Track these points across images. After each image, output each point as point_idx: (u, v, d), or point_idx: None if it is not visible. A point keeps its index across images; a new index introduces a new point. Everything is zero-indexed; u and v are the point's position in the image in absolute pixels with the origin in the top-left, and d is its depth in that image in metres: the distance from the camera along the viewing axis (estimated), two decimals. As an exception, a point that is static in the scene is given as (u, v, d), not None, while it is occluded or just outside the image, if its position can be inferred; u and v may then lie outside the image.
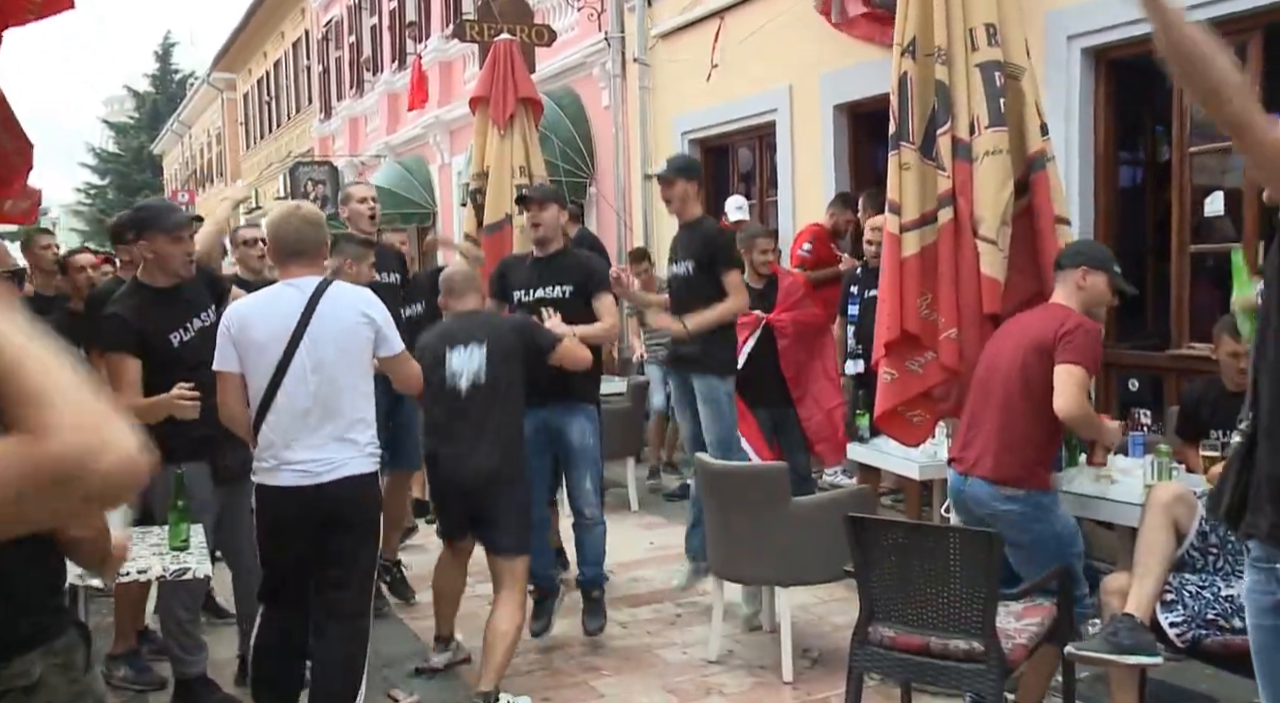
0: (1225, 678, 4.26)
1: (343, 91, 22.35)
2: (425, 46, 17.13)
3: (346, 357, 4.08)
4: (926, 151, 5.10)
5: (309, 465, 4.01)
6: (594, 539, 5.49)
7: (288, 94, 27.79)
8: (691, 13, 10.35)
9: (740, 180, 10.68)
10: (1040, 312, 4.36)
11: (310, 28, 24.66)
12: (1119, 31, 6.36)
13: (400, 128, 18.55)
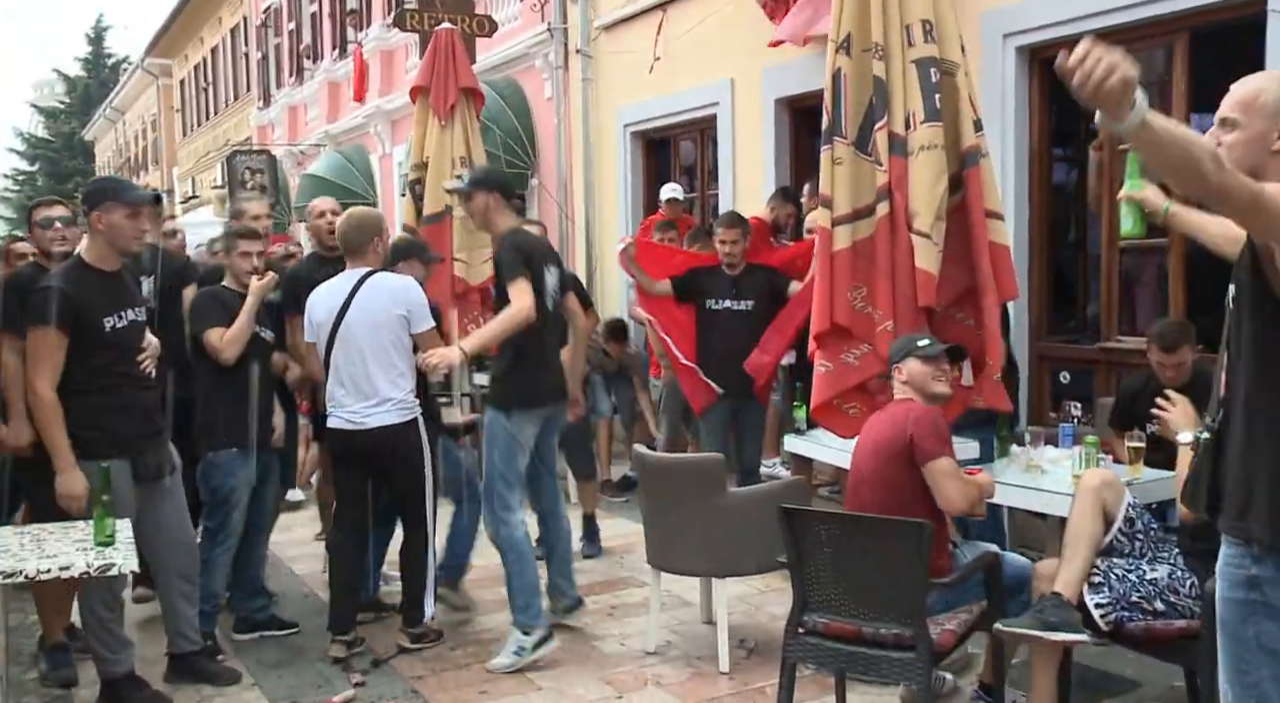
0: (1147, 662, 4.38)
1: (282, 79, 22.10)
2: (366, 35, 16.99)
3: (374, 338, 5.04)
4: (862, 146, 5.16)
5: (351, 415, 5.07)
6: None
7: (225, 81, 27.42)
8: (634, 5, 10.36)
9: (682, 173, 10.72)
10: (885, 413, 4.30)
11: (249, 14, 24.35)
12: (1052, 30, 6.48)
13: (341, 117, 18.38)
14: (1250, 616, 2.60)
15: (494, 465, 5.08)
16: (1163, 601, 3.91)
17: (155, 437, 4.67)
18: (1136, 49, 6.25)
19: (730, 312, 6.46)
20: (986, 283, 5.06)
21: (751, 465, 6.68)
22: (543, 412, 5.17)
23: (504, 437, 5.06)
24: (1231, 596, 2.65)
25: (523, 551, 5.09)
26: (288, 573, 6.80)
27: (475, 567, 6.17)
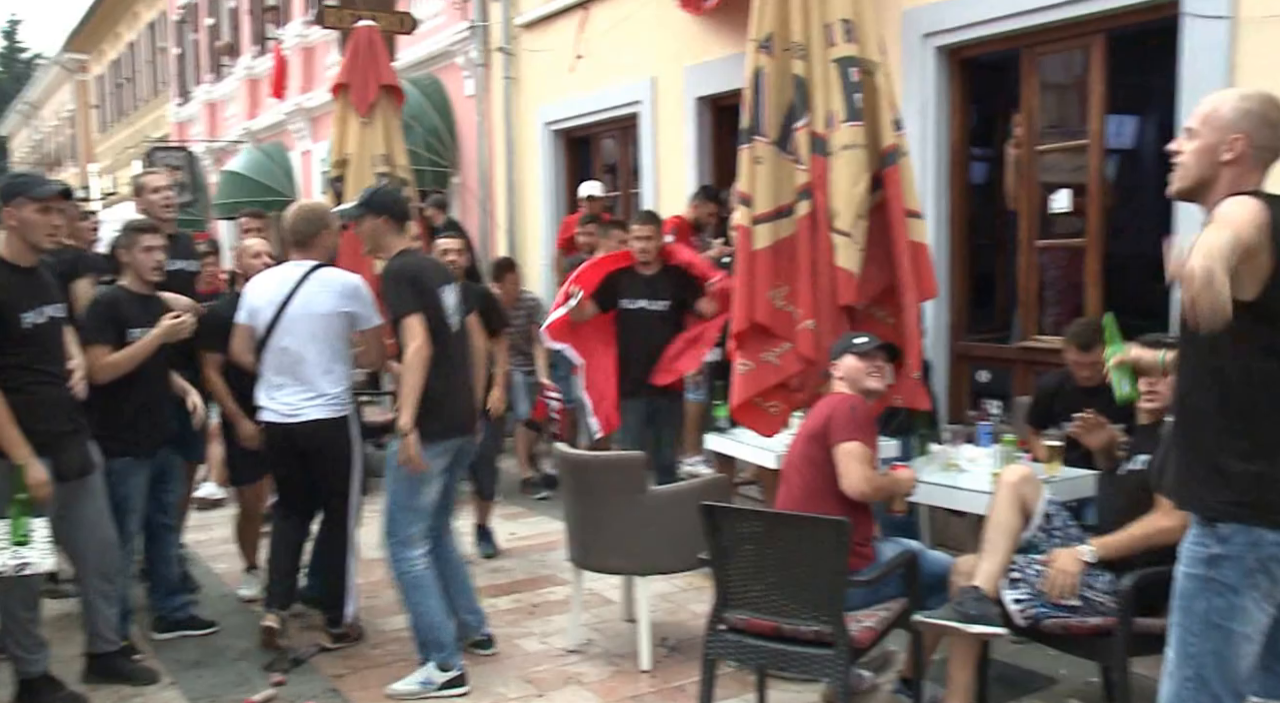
0: (1064, 659, 4.42)
1: (201, 75, 21.75)
2: (286, 32, 16.75)
3: (316, 332, 4.99)
4: (782, 145, 5.16)
5: (285, 408, 5.00)
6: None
7: (143, 77, 26.95)
8: (556, 3, 10.31)
9: (604, 171, 10.69)
10: (820, 404, 4.37)
11: (167, 9, 23.94)
12: (972, 31, 6.54)
13: (260, 113, 18.12)
14: (1203, 591, 2.78)
15: (397, 498, 4.77)
16: (1079, 598, 3.94)
17: (76, 435, 4.59)
18: (1053, 51, 6.35)
19: (645, 311, 6.43)
20: (906, 282, 5.08)
21: (669, 463, 6.66)
22: (451, 444, 4.81)
23: (407, 470, 4.68)
24: (1190, 571, 2.82)
25: (423, 585, 4.77)
26: (207, 572, 6.66)
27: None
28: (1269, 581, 2.75)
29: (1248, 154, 2.76)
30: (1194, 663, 2.80)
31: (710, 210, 8.13)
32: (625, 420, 6.53)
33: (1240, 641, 2.77)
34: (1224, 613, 2.75)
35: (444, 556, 5.02)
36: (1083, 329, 5.18)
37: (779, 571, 3.89)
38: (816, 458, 4.18)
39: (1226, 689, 2.79)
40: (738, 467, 6.69)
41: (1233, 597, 2.75)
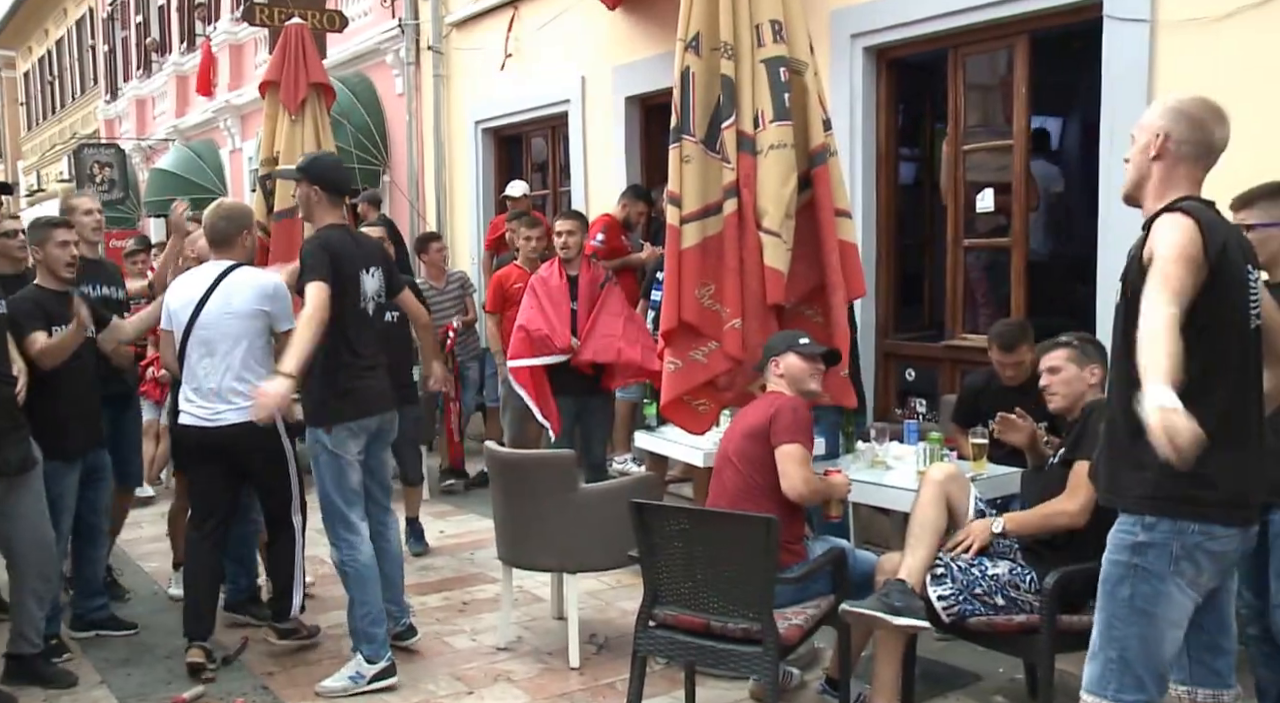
0: (989, 656, 4.47)
1: (130, 72, 21.41)
2: (214, 29, 16.54)
3: (233, 333, 4.86)
4: (710, 145, 5.15)
5: (202, 412, 4.87)
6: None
7: (72, 74, 26.53)
8: (485, 2, 10.27)
9: (534, 170, 10.66)
10: (759, 401, 4.41)
11: (94, 6, 23.55)
12: (900, 31, 6.59)
13: (190, 111, 17.87)
14: (1129, 577, 2.86)
15: (324, 487, 4.75)
16: (1003, 596, 3.98)
17: (15, 431, 4.60)
18: (979, 51, 6.43)
19: (573, 312, 6.45)
20: (835, 280, 5.09)
21: (600, 461, 6.66)
22: (366, 424, 4.78)
23: (327, 456, 4.71)
24: (1116, 557, 2.90)
25: (365, 576, 4.75)
26: (136, 571, 6.58)
27: (324, 562, 6.03)
28: (1193, 568, 2.82)
29: (1169, 150, 2.87)
30: (1117, 646, 2.88)
31: (640, 209, 8.13)
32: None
33: (1165, 626, 2.84)
34: (1149, 599, 2.83)
35: (382, 547, 4.98)
36: (1005, 330, 5.25)
37: (708, 568, 3.90)
38: (754, 455, 4.19)
39: (1149, 672, 2.86)
40: (668, 464, 6.70)
41: (1157, 583, 2.82)
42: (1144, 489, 2.83)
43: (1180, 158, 2.87)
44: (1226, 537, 2.83)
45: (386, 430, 4.98)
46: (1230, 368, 2.84)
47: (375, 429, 4.86)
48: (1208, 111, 2.90)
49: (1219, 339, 2.80)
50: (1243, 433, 2.85)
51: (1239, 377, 2.87)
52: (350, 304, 4.70)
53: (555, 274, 6.55)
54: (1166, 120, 2.88)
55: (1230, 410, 2.82)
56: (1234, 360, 2.84)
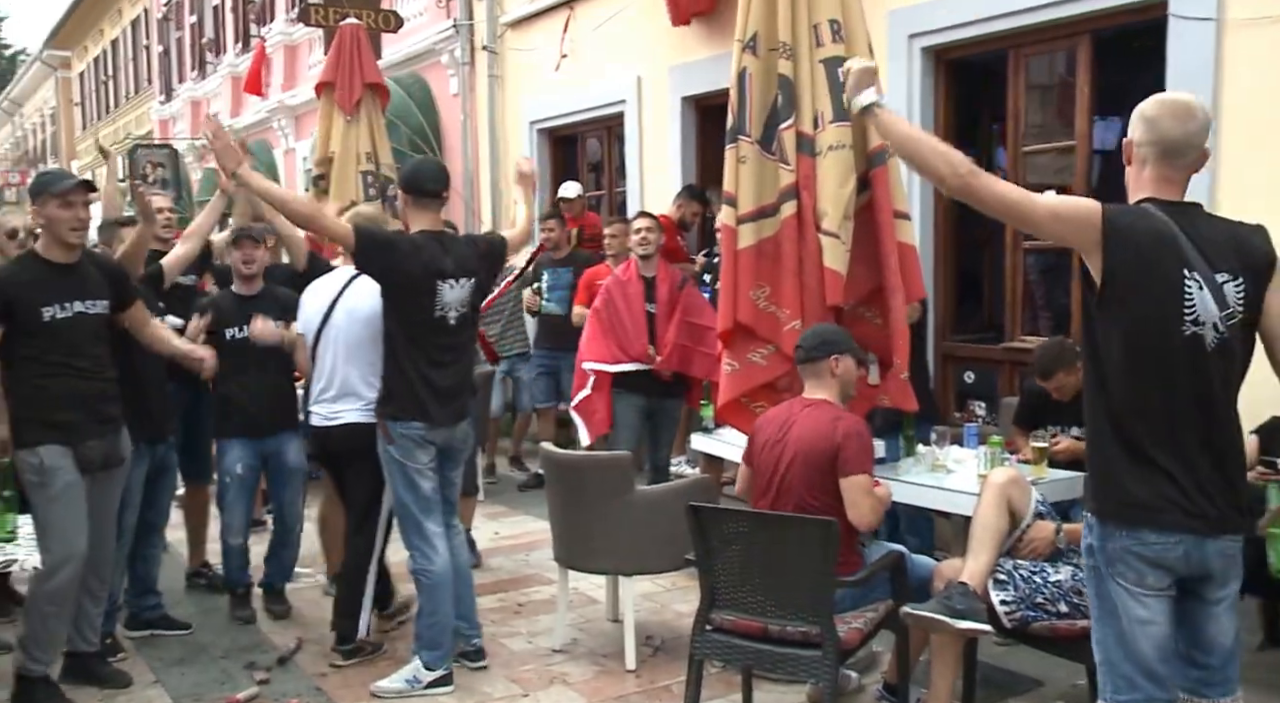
0: (1050, 661, 4.41)
1: (184, 73, 21.66)
2: (269, 29, 16.69)
3: (355, 336, 4.98)
4: (766, 146, 5.13)
5: (325, 410, 5.06)
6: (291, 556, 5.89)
7: (126, 74, 26.85)
8: (541, 2, 10.28)
9: (589, 171, 10.67)
10: (810, 414, 4.21)
11: (149, 6, 23.84)
12: (958, 32, 6.54)
13: (244, 111, 18.04)
14: (1091, 579, 2.98)
15: (396, 495, 4.81)
16: (1066, 602, 3.94)
17: (100, 426, 4.60)
18: (1040, 51, 6.36)
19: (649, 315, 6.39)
20: (894, 282, 5.06)
21: (664, 463, 6.64)
22: (434, 435, 4.77)
23: (395, 465, 4.75)
24: (1084, 562, 3.03)
25: (438, 586, 4.75)
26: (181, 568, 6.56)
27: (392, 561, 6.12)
28: (1133, 571, 2.87)
29: (1135, 155, 2.93)
30: (1101, 648, 2.98)
31: (695, 210, 8.12)
32: (620, 417, 6.42)
33: (1132, 624, 2.88)
34: (1106, 598, 2.92)
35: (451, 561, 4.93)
36: (1041, 356, 5.21)
37: (766, 571, 3.89)
38: (815, 481, 4.09)
39: (1136, 670, 2.89)
40: (723, 467, 6.67)
41: (1107, 584, 2.91)
42: (1087, 494, 2.99)
43: (1143, 160, 2.91)
44: (1161, 543, 2.84)
45: (457, 447, 4.94)
46: (1150, 375, 2.83)
47: (443, 443, 4.83)
48: (1164, 108, 2.91)
49: (1134, 343, 2.83)
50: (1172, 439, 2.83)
51: (1163, 384, 2.83)
52: (420, 312, 4.67)
53: (632, 276, 6.48)
54: (1132, 127, 2.94)
55: (1150, 414, 2.84)
56: (1153, 368, 2.83)
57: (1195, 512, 2.83)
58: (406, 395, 4.69)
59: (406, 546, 4.83)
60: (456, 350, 4.83)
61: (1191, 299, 2.80)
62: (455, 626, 4.94)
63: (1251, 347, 2.90)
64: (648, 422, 6.52)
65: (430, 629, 4.78)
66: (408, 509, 4.77)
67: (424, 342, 4.70)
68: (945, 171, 2.96)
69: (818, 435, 4.10)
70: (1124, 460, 2.85)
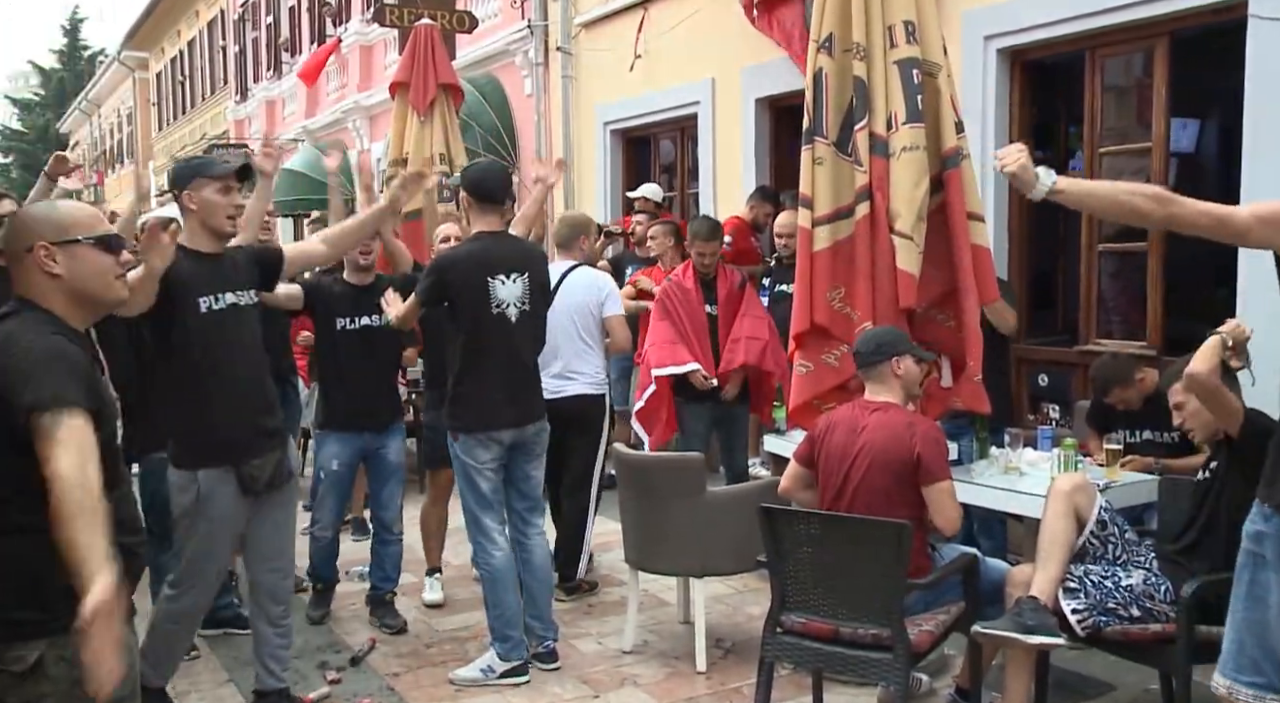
0: (1124, 665, 4.39)
1: (259, 73, 22.00)
2: (345, 29, 16.91)
3: (568, 322, 5.71)
4: (842, 147, 5.13)
5: (551, 385, 5.50)
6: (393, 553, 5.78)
7: (202, 74, 27.30)
8: (615, 2, 10.34)
9: (662, 172, 10.70)
10: (881, 419, 4.15)
11: (226, 7, 24.23)
12: (1034, 33, 6.49)
13: (319, 112, 18.30)
14: (1249, 564, 3.05)
15: (461, 489, 4.96)
16: (1139, 606, 3.93)
17: (267, 440, 4.23)
18: (1117, 52, 6.29)
19: (710, 316, 6.40)
20: (967, 285, 5.03)
21: (741, 469, 6.61)
22: (499, 435, 4.85)
23: (459, 461, 4.90)
24: (1244, 546, 3.10)
25: (498, 578, 4.87)
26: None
27: (450, 565, 6.23)
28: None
29: None
30: (1237, 628, 3.08)
31: (767, 211, 8.11)
32: (688, 425, 6.45)
33: (1276, 614, 2.96)
34: (1263, 586, 2.99)
35: (524, 558, 5.04)
36: (1096, 374, 5.25)
37: (838, 573, 3.90)
38: (890, 491, 4.05)
39: (1263, 655, 3.02)
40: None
41: (1268, 572, 2.96)
42: (1266, 484, 3.03)
43: None
44: None
45: (528, 443, 4.99)
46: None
47: (510, 442, 4.91)
48: None
49: None
50: None
51: None
52: (477, 314, 4.78)
53: (690, 280, 6.47)
54: None
55: None
56: None
57: None
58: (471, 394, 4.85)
59: (471, 537, 4.98)
60: (516, 348, 4.92)
61: None
62: (530, 625, 5.01)
63: None
64: (717, 429, 6.52)
65: (497, 621, 4.90)
66: (467, 505, 4.94)
67: (480, 341, 4.83)
68: (1146, 209, 3.04)
69: (894, 442, 4.07)
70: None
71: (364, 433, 5.57)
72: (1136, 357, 5.37)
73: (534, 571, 5.04)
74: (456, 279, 4.80)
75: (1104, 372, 5.16)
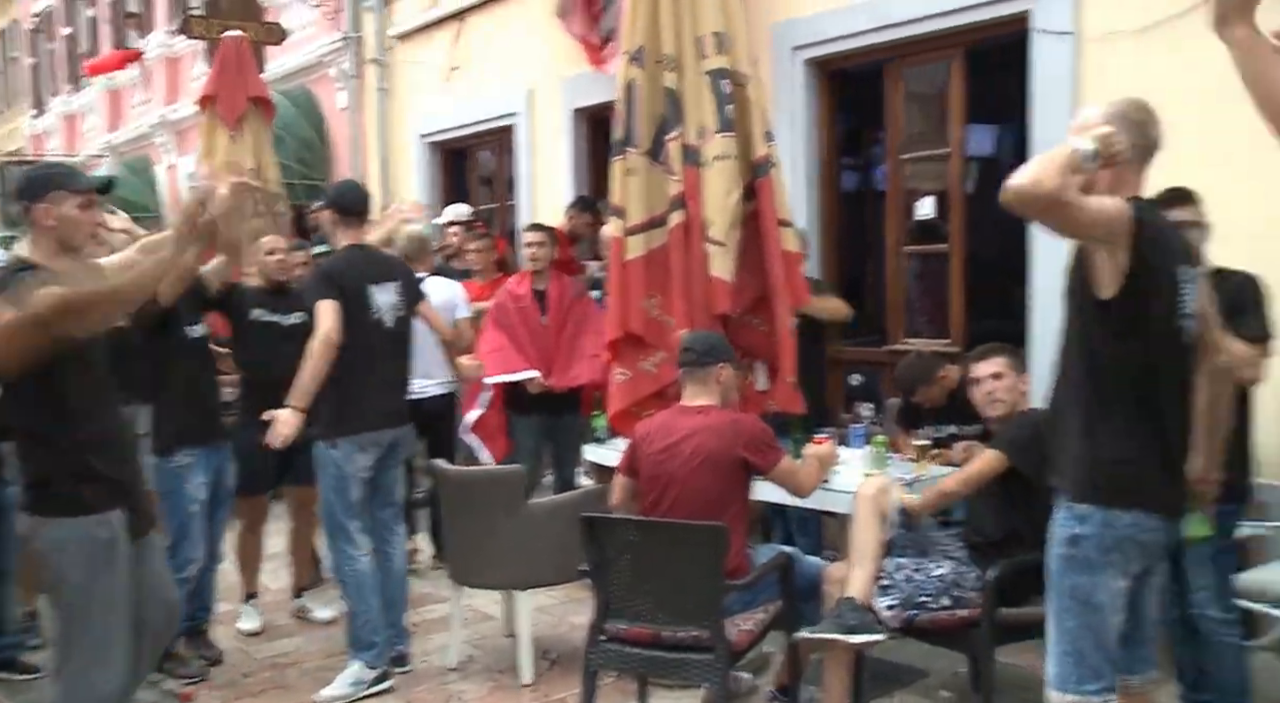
0: (936, 652, 4.55)
1: (58, 86, 21.10)
2: (149, 41, 16.36)
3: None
4: (655, 156, 5.20)
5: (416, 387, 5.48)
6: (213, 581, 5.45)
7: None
8: (431, 14, 10.23)
9: (481, 184, 10.64)
10: (703, 420, 4.14)
11: (19, 17, 23.19)
12: (839, 44, 6.67)
13: (123, 126, 17.66)
14: (1069, 569, 2.96)
15: (327, 498, 4.91)
16: (949, 596, 4.09)
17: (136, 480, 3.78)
18: (916, 63, 6.53)
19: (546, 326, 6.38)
20: (779, 289, 5.16)
21: (570, 479, 6.56)
22: (381, 437, 4.94)
23: (331, 468, 4.84)
24: (1057, 551, 3.00)
25: (364, 584, 4.88)
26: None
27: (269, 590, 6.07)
28: (1123, 557, 2.93)
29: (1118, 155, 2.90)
30: (1070, 638, 2.97)
31: (587, 221, 8.10)
32: (518, 439, 6.42)
33: (1107, 613, 2.94)
34: (1088, 589, 2.93)
35: (386, 566, 5.06)
36: (901, 375, 5.42)
37: (658, 578, 3.92)
38: (712, 490, 4.07)
39: (1102, 659, 2.96)
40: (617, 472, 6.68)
41: (1093, 574, 2.92)
42: (1080, 479, 2.97)
43: (1128, 162, 2.94)
44: (1155, 528, 2.95)
45: (399, 446, 5.09)
46: (1161, 372, 2.94)
47: (388, 443, 4.98)
48: (1146, 114, 3.01)
49: (1149, 344, 2.90)
50: (1162, 432, 2.96)
51: (1168, 380, 2.97)
52: (360, 319, 4.83)
53: (524, 288, 6.45)
54: (1114, 126, 2.92)
55: (1149, 409, 2.94)
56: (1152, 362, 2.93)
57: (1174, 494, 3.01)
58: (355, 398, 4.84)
59: (330, 548, 4.98)
60: (392, 351, 5.04)
61: (1189, 294, 2.95)
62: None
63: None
64: (549, 441, 6.50)
65: (365, 629, 4.88)
66: (333, 513, 4.90)
67: (362, 348, 4.82)
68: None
69: (718, 441, 4.09)
70: (1134, 449, 2.93)
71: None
72: (939, 355, 5.56)
73: (395, 577, 5.11)
74: (345, 286, 4.84)
75: (907, 371, 5.34)
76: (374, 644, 4.88)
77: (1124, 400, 2.93)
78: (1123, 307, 2.84)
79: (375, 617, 4.90)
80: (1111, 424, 2.93)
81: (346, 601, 4.94)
